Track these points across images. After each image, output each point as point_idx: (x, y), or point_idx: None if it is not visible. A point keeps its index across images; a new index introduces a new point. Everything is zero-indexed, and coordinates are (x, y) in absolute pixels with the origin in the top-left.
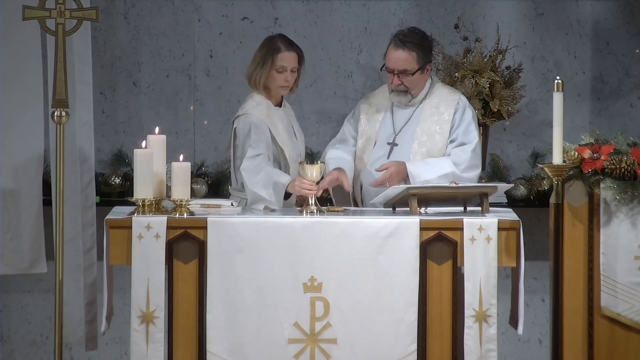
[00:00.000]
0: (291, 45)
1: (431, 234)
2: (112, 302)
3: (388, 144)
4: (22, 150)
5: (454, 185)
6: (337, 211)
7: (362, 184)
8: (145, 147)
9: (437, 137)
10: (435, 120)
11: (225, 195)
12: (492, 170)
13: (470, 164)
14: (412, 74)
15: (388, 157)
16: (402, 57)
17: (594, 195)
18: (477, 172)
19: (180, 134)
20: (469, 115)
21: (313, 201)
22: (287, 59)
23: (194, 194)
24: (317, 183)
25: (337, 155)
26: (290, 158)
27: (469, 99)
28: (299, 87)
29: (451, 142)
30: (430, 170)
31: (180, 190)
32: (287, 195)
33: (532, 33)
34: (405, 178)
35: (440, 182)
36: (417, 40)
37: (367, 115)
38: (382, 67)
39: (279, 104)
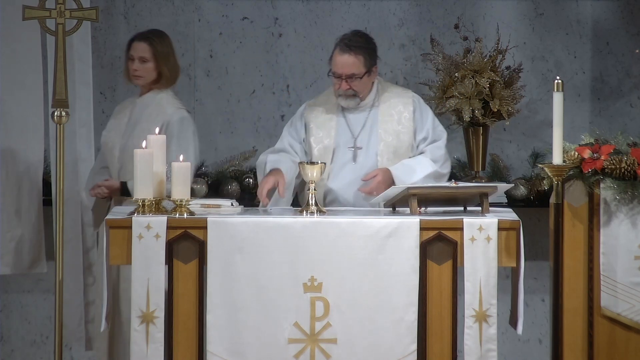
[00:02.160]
0: (145, 35)
1: (431, 234)
2: (112, 302)
3: (349, 148)
4: (22, 150)
5: (454, 185)
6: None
7: (326, 192)
8: (145, 147)
9: (402, 136)
10: (396, 119)
11: (226, 195)
12: (492, 170)
13: (445, 158)
14: (360, 78)
15: (354, 162)
16: (349, 62)
17: (594, 195)
18: (450, 164)
19: None
20: (430, 112)
21: (313, 201)
22: (134, 48)
23: (194, 194)
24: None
25: (275, 159)
26: (106, 148)
27: (468, 99)
28: (297, 87)
29: (423, 140)
30: (414, 173)
31: (180, 190)
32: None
33: (532, 33)
34: (392, 184)
35: (425, 182)
36: (363, 44)
37: (317, 124)
38: (329, 72)
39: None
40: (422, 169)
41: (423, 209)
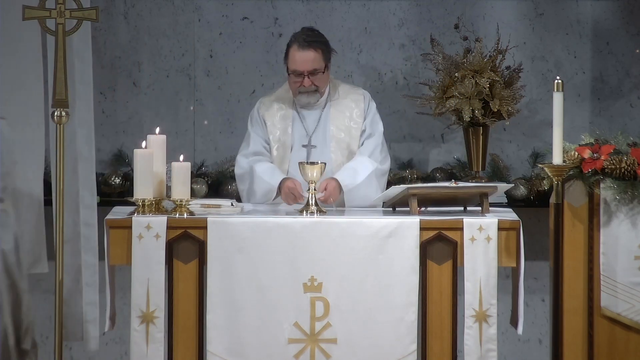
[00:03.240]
0: None
1: (431, 234)
2: (115, 302)
3: (303, 146)
4: (22, 150)
5: (454, 185)
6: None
7: None
8: (145, 147)
9: (353, 131)
10: (348, 116)
11: (226, 195)
12: (492, 170)
13: (383, 155)
14: (322, 72)
15: (307, 160)
16: (310, 57)
17: (594, 195)
18: (389, 159)
19: (180, 134)
20: (374, 107)
21: (313, 201)
22: None
23: (194, 194)
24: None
25: (266, 168)
26: None
27: (468, 99)
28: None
29: (362, 132)
30: (358, 175)
31: (180, 190)
32: None
33: (532, 33)
34: (341, 189)
35: (370, 182)
36: (320, 39)
37: (273, 121)
38: (288, 71)
39: None
40: (364, 169)
41: (423, 209)
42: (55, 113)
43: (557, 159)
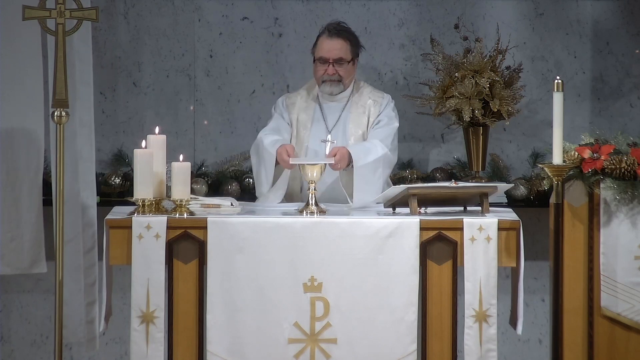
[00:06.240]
0: None
1: (431, 234)
2: (111, 302)
3: (323, 141)
4: (22, 150)
5: (454, 185)
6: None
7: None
8: (145, 147)
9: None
10: (366, 113)
11: (226, 195)
12: (492, 170)
13: (394, 146)
14: (348, 62)
15: (326, 154)
16: (337, 46)
17: (594, 195)
18: (396, 155)
19: (180, 134)
20: (392, 106)
21: (313, 201)
22: None
23: (194, 194)
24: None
25: (276, 139)
26: None
27: (468, 99)
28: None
29: (378, 122)
30: (369, 154)
31: (180, 190)
32: None
33: (532, 33)
34: (350, 161)
35: (376, 166)
36: (349, 31)
37: (295, 115)
38: (314, 59)
39: None
40: (375, 151)
41: (423, 209)
42: (55, 113)
43: (557, 159)
